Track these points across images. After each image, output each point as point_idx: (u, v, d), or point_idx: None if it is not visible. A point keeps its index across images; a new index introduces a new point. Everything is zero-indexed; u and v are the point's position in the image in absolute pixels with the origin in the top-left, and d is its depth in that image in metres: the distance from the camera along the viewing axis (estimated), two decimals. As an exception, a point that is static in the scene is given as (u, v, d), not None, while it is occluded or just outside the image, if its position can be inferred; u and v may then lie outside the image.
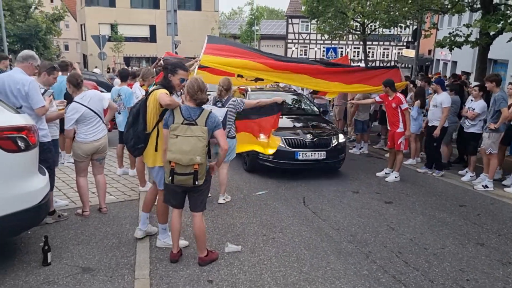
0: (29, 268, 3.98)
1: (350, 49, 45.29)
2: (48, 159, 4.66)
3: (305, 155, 7.44)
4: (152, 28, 37.35)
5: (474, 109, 7.49)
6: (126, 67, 23.68)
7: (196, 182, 3.84)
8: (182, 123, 3.85)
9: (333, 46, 28.84)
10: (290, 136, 7.58)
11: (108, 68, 25.83)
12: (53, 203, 5.13)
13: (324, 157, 7.56)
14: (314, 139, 7.59)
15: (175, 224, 4.20)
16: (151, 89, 4.40)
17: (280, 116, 6.94)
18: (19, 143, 3.74)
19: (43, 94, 4.72)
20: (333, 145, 7.69)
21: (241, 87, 9.19)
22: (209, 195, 6.07)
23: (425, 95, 9.03)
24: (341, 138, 7.96)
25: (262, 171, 7.70)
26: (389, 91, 7.59)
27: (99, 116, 5.13)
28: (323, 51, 35.10)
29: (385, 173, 7.96)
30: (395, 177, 7.70)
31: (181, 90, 4.62)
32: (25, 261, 4.09)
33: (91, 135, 5.07)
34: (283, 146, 7.40)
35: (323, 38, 37.89)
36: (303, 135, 7.64)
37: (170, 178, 3.86)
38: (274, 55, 8.01)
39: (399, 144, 7.65)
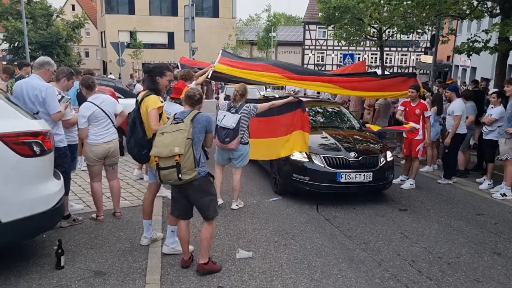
0: (43, 271, 4.05)
1: (368, 55, 45.00)
2: (63, 164, 4.75)
3: (348, 176, 6.36)
4: (170, 35, 37.81)
5: (492, 114, 7.39)
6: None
7: (180, 176, 3.76)
8: (171, 123, 3.92)
9: (350, 52, 28.70)
10: (331, 153, 6.51)
11: (119, 75, 26.52)
12: (68, 207, 5.22)
13: (371, 179, 6.46)
14: (359, 158, 6.47)
15: (183, 235, 4.19)
16: (141, 95, 4.46)
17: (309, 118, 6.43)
18: (35, 148, 3.82)
19: (60, 100, 4.83)
20: (381, 164, 6.60)
21: (265, 94, 9.12)
22: (222, 201, 6.16)
23: (442, 102, 8.93)
24: (389, 156, 6.88)
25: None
26: (417, 96, 7.55)
27: (110, 119, 5.20)
28: (340, 57, 34.93)
29: (401, 180, 7.86)
30: (411, 184, 7.59)
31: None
32: (39, 264, 4.17)
33: (102, 137, 5.13)
34: (322, 165, 6.40)
35: (340, 44, 37.73)
36: (345, 152, 6.51)
37: (158, 176, 3.88)
38: (289, 67, 7.95)
39: (417, 151, 7.57)
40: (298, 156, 6.52)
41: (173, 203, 4.17)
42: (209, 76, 7.27)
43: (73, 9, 49.31)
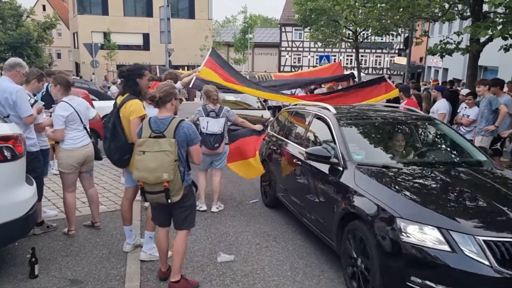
0: (15, 280, 3.89)
1: (343, 57, 45.60)
2: (36, 168, 4.57)
3: None
4: (146, 36, 37.32)
5: (469, 115, 7.57)
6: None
7: (169, 200, 3.53)
8: (149, 137, 3.53)
9: (326, 54, 28.99)
10: (497, 234, 3.13)
11: (80, 77, 26.42)
12: (41, 214, 5.03)
13: None
14: None
15: (161, 244, 3.94)
16: (120, 99, 4.25)
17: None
18: (5, 152, 3.67)
19: (32, 104, 4.65)
20: None
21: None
22: (205, 207, 6.05)
23: (428, 102, 9.09)
24: None
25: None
26: (403, 96, 7.67)
27: (83, 123, 4.88)
28: (317, 58, 35.28)
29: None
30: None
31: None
32: (11, 274, 4.00)
33: (79, 140, 4.80)
34: (485, 262, 2.99)
35: (316, 46, 38.15)
36: None
37: (142, 197, 3.66)
38: (271, 88, 8.11)
39: None
40: (421, 236, 3.20)
41: (153, 210, 3.92)
42: (190, 86, 7.21)
43: (44, 9, 48.20)
